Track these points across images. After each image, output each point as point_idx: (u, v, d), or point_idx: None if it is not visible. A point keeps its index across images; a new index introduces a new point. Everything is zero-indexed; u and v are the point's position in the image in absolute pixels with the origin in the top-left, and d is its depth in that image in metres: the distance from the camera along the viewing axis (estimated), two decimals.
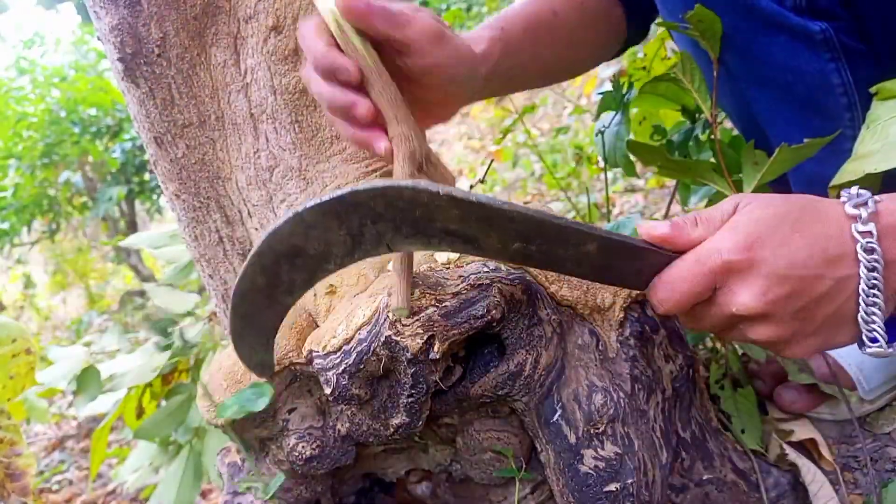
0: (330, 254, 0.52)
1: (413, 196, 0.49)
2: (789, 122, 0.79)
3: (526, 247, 0.52)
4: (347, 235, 0.51)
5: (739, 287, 0.53)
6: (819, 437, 0.79)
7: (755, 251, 0.52)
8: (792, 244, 0.52)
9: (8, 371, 0.95)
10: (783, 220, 0.53)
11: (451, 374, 0.64)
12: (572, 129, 3.30)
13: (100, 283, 6.25)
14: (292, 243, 0.51)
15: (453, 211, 0.50)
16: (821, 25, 0.72)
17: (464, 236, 0.51)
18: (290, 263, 0.52)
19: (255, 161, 0.81)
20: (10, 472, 0.94)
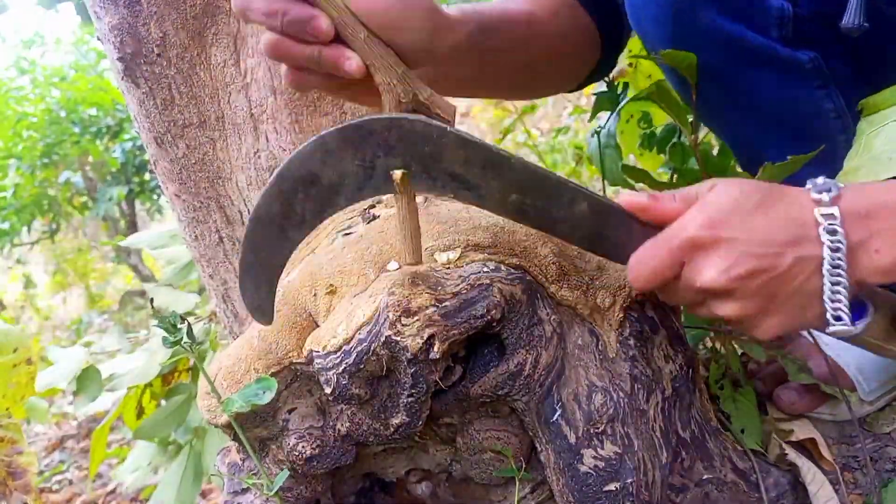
0: (342, 185, 0.54)
1: (424, 130, 0.51)
2: (783, 146, 0.79)
3: (523, 200, 0.55)
4: (360, 166, 0.53)
5: (703, 263, 0.56)
6: (819, 437, 0.79)
7: (719, 229, 0.55)
8: (755, 223, 0.55)
9: (8, 380, 0.95)
10: (748, 200, 0.56)
11: (451, 373, 0.64)
12: (572, 129, 3.30)
13: (100, 283, 6.25)
14: (310, 169, 0.53)
15: (459, 151, 0.52)
16: (809, 55, 0.73)
17: (466, 182, 0.54)
18: (305, 192, 0.54)
19: (256, 161, 0.81)
20: (12, 470, 0.94)
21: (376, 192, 0.56)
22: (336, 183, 0.54)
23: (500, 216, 0.60)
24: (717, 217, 0.55)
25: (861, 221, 0.55)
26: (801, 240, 0.55)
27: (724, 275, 0.55)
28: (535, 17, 0.83)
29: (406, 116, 0.52)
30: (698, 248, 0.56)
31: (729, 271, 0.55)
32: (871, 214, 0.55)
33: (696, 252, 0.56)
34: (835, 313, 0.56)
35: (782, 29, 0.72)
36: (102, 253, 6.18)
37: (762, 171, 0.72)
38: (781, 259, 0.55)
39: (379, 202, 0.77)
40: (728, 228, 0.55)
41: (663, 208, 0.58)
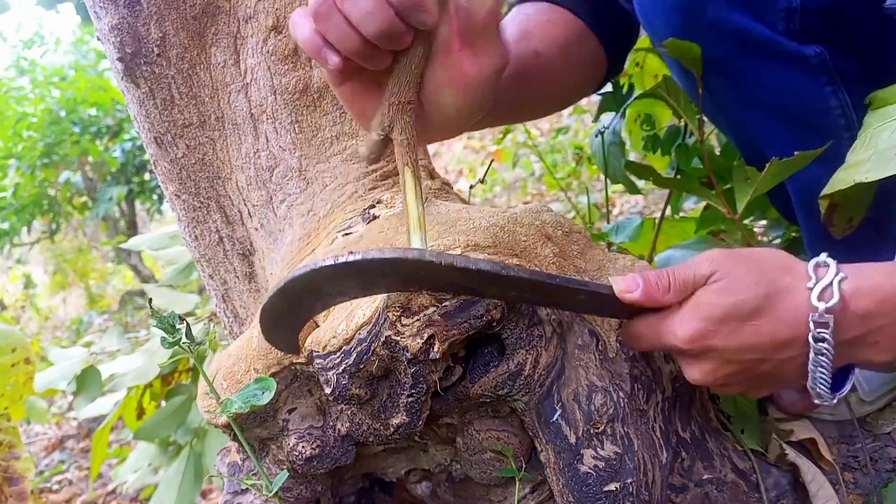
0: (345, 294, 0.59)
1: (417, 264, 0.54)
2: (787, 142, 0.79)
3: (522, 296, 0.60)
4: (359, 285, 0.57)
5: (691, 365, 0.61)
6: (819, 437, 0.79)
7: (706, 341, 0.57)
8: (743, 334, 0.57)
9: (7, 380, 0.95)
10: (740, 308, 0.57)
11: (451, 373, 0.64)
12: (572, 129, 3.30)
13: (100, 283, 6.25)
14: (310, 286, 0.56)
15: (455, 274, 0.55)
16: (815, 49, 0.73)
17: (465, 288, 0.58)
18: (309, 294, 0.58)
19: (255, 161, 0.81)
20: (8, 475, 0.93)
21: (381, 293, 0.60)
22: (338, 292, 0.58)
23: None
24: (707, 329, 0.57)
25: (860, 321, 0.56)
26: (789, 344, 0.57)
27: (709, 376, 0.60)
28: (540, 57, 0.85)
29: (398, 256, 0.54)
30: (686, 355, 0.61)
31: (713, 374, 0.59)
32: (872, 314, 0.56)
33: (683, 356, 0.61)
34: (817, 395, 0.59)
35: (789, 22, 0.72)
36: (102, 253, 6.18)
37: (769, 167, 0.72)
38: (766, 363, 0.58)
39: (379, 202, 0.77)
40: (716, 339, 0.57)
41: (658, 301, 0.59)
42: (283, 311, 0.60)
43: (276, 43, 0.78)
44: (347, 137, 0.81)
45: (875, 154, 0.64)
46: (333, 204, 0.79)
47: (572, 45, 0.88)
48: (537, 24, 0.87)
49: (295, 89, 0.79)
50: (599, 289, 0.59)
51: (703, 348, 0.58)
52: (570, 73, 0.90)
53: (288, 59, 0.79)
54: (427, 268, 0.54)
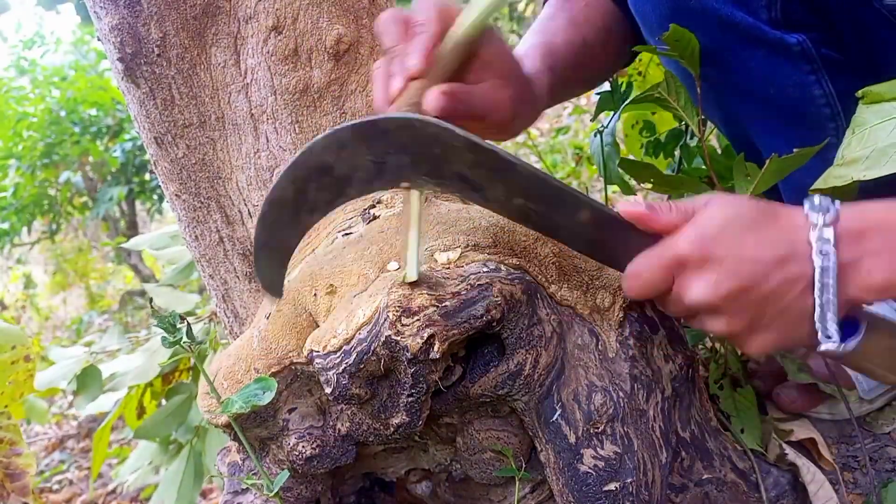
0: (353, 177, 0.56)
1: (435, 132, 0.53)
2: (775, 132, 0.80)
3: (526, 203, 0.57)
4: (372, 161, 0.55)
5: (692, 279, 0.57)
6: (818, 437, 0.79)
7: (708, 247, 0.56)
8: (745, 242, 0.56)
9: (7, 378, 0.95)
10: (741, 218, 0.57)
11: (451, 373, 0.64)
12: (572, 129, 3.30)
13: (100, 283, 6.25)
14: (323, 160, 0.54)
15: (468, 154, 0.53)
16: (798, 38, 0.73)
17: (473, 183, 0.55)
18: (318, 181, 0.55)
19: (256, 161, 0.81)
20: (10, 471, 0.94)
21: (386, 186, 0.58)
22: (348, 175, 0.55)
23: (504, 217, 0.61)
24: (708, 235, 0.56)
25: (854, 241, 0.55)
26: (789, 259, 0.56)
27: (710, 292, 0.56)
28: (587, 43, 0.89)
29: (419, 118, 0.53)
30: (687, 266, 0.57)
31: (714, 289, 0.56)
32: (865, 234, 0.56)
33: (684, 269, 0.57)
34: (824, 332, 0.57)
35: (771, 11, 0.73)
36: (102, 253, 6.18)
37: (768, 163, 0.72)
38: (768, 278, 0.56)
39: (379, 202, 0.77)
40: (717, 246, 0.56)
41: (659, 220, 0.59)
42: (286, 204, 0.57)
43: (277, 43, 0.78)
44: None
45: (874, 152, 0.64)
46: None
47: (609, 30, 0.92)
48: (580, 10, 0.92)
49: (295, 89, 0.79)
50: (605, 209, 0.58)
51: (705, 254, 0.56)
52: (610, 53, 0.94)
53: (288, 60, 0.79)
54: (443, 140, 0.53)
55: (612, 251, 0.61)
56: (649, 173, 0.87)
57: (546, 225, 0.60)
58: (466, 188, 0.56)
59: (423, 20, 0.61)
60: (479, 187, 0.56)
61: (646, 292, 0.60)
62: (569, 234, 0.60)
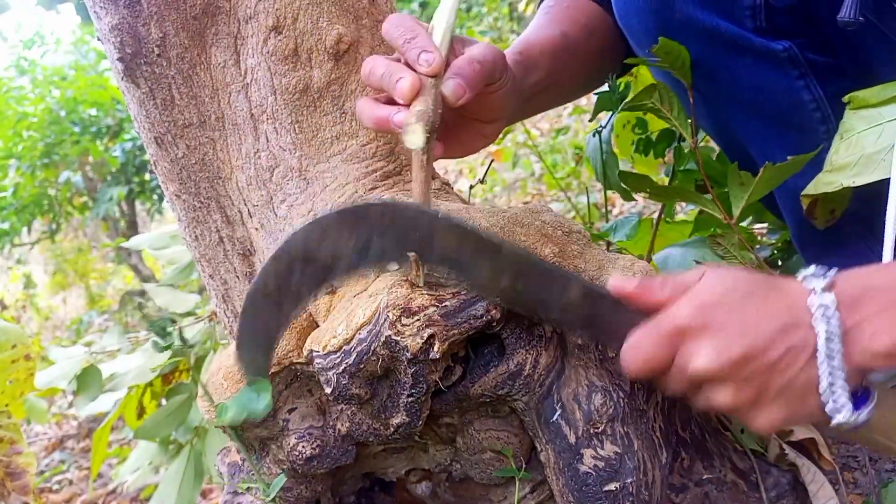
0: (336, 264, 0.56)
1: (416, 216, 0.54)
2: (767, 139, 0.80)
3: (514, 284, 0.57)
4: (355, 247, 0.55)
5: (694, 349, 0.55)
6: (819, 437, 0.79)
7: (708, 315, 0.55)
8: (745, 311, 0.55)
9: (7, 376, 0.95)
10: (737, 288, 0.56)
11: (451, 373, 0.64)
12: (572, 129, 3.30)
13: (100, 283, 6.25)
14: (307, 247, 0.55)
15: (450, 236, 0.54)
16: (784, 45, 0.73)
17: (458, 265, 0.56)
18: (301, 270, 0.56)
19: (256, 161, 0.81)
20: (11, 470, 0.94)
21: (370, 269, 0.59)
22: (331, 260, 0.56)
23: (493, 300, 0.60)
24: (708, 302, 0.55)
25: (853, 306, 0.54)
26: (792, 328, 0.54)
27: (716, 360, 0.54)
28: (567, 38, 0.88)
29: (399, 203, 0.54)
30: (689, 335, 0.55)
31: (720, 356, 0.54)
32: (861, 299, 0.54)
33: (686, 339, 0.56)
34: (835, 405, 0.55)
35: (755, 20, 0.73)
36: (102, 253, 6.18)
37: (762, 172, 0.72)
38: (773, 346, 0.54)
39: None
40: (719, 313, 0.55)
41: (654, 297, 0.57)
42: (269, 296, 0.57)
43: (276, 43, 0.78)
44: (347, 137, 0.81)
45: (862, 158, 0.64)
46: (334, 204, 0.79)
47: (593, 27, 0.92)
48: (560, 10, 0.92)
49: (295, 89, 0.79)
50: (596, 286, 0.58)
51: (706, 322, 0.55)
52: (593, 54, 0.93)
53: (288, 59, 0.79)
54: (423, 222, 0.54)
55: (605, 328, 0.60)
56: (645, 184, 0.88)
57: (535, 304, 0.59)
58: (451, 269, 0.57)
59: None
60: (465, 268, 0.56)
61: (646, 367, 0.58)
62: (560, 314, 0.59)
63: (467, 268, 0.56)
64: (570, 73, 0.91)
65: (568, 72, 0.90)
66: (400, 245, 0.55)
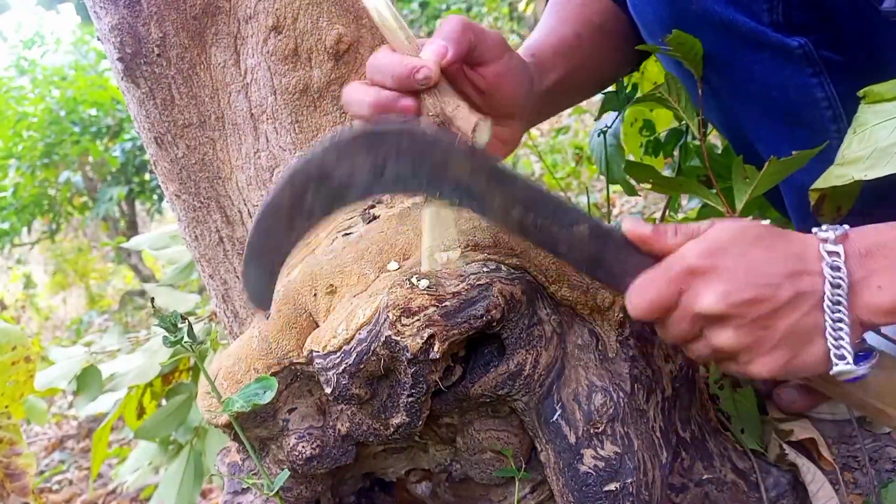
0: (352, 183, 0.56)
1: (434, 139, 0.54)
2: (777, 135, 0.80)
3: (524, 215, 0.56)
4: (371, 167, 0.55)
5: (702, 289, 0.56)
6: (819, 437, 0.79)
7: (717, 257, 0.55)
8: (754, 254, 0.55)
9: (7, 378, 0.95)
10: (747, 234, 0.56)
11: (451, 373, 0.64)
12: (572, 129, 3.30)
13: (100, 283, 6.25)
14: (323, 166, 0.55)
15: (465, 162, 0.54)
16: (799, 41, 0.73)
17: (471, 192, 0.56)
18: (316, 187, 0.56)
19: (256, 161, 0.81)
20: (10, 471, 0.94)
21: (384, 192, 0.58)
22: (346, 181, 0.56)
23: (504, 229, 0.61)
24: (717, 247, 0.56)
25: (862, 260, 0.55)
26: (800, 273, 0.55)
27: (723, 300, 0.55)
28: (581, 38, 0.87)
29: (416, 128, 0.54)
30: (697, 275, 0.56)
31: (727, 297, 0.55)
32: (872, 253, 0.55)
33: (694, 279, 0.56)
34: (837, 351, 0.55)
35: (772, 14, 0.72)
36: (102, 253, 6.18)
37: (767, 166, 0.72)
38: (780, 290, 0.55)
39: (379, 202, 0.77)
40: (727, 258, 0.55)
41: (664, 241, 0.58)
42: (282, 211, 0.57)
43: (276, 43, 0.78)
44: None
45: (875, 152, 0.64)
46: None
47: (607, 24, 0.91)
48: (572, 9, 0.91)
49: (295, 89, 0.79)
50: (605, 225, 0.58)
51: (715, 265, 0.55)
52: (608, 52, 0.93)
53: (288, 59, 0.79)
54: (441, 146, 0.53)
55: (610, 270, 0.60)
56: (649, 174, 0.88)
57: (544, 238, 0.59)
58: (464, 196, 0.56)
59: None
60: (477, 196, 0.56)
61: (652, 310, 0.58)
62: (567, 249, 0.59)
63: (480, 197, 0.56)
64: (586, 73, 0.91)
65: (583, 72, 0.89)
66: (415, 169, 0.55)
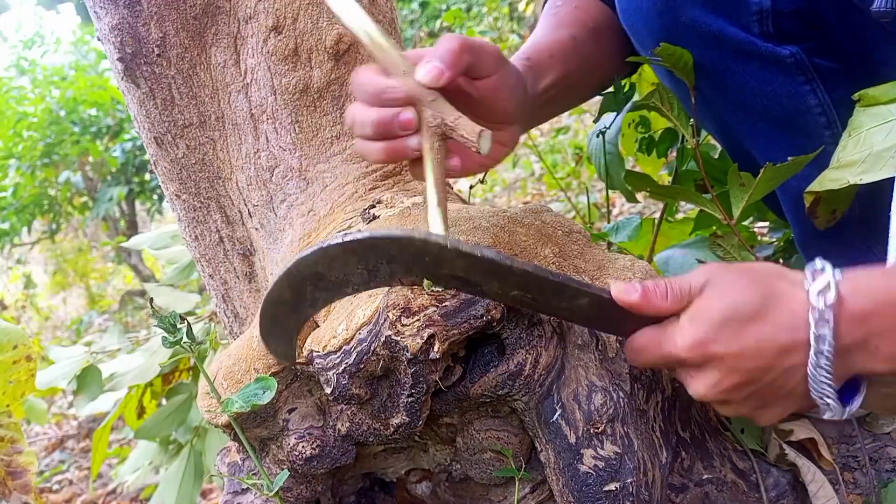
0: (348, 282, 0.57)
1: (424, 246, 0.54)
2: (771, 141, 0.80)
3: (524, 295, 0.58)
4: (364, 270, 0.56)
5: (693, 377, 0.58)
6: (818, 437, 0.79)
7: (707, 348, 0.56)
8: (744, 338, 0.55)
9: (8, 377, 0.95)
10: (739, 312, 0.56)
11: (451, 373, 0.64)
12: (572, 129, 3.30)
13: (100, 283, 6.25)
14: (316, 270, 0.56)
15: (459, 261, 0.55)
16: (791, 50, 0.73)
17: (468, 282, 0.57)
18: (314, 285, 0.57)
19: (256, 161, 0.81)
20: (11, 469, 0.94)
21: (381, 286, 0.59)
22: (343, 280, 0.57)
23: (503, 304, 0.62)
24: (706, 336, 0.55)
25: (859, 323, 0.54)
26: (791, 349, 0.55)
27: (713, 389, 0.57)
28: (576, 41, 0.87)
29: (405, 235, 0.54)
30: (687, 366, 0.58)
31: (717, 386, 0.57)
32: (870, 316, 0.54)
33: (685, 367, 0.58)
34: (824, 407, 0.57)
35: (763, 24, 0.73)
36: (102, 253, 6.18)
37: (762, 172, 0.72)
38: (769, 371, 0.56)
39: (379, 202, 0.77)
40: (716, 345, 0.55)
41: (656, 307, 0.58)
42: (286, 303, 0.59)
43: (276, 43, 0.78)
44: (347, 137, 0.81)
45: (871, 156, 0.64)
46: (334, 204, 0.79)
47: (602, 29, 0.91)
48: (567, 12, 0.92)
49: (295, 89, 0.79)
50: (602, 293, 0.58)
51: (705, 356, 0.56)
52: (603, 55, 0.93)
53: (288, 60, 0.79)
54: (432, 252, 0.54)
55: (613, 326, 0.62)
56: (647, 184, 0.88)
57: (545, 310, 0.61)
58: (462, 285, 0.58)
59: None
60: (475, 284, 0.57)
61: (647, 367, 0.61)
62: (569, 315, 0.61)
63: (476, 286, 0.57)
64: (582, 75, 0.91)
65: (579, 74, 0.89)
66: (409, 270, 0.56)
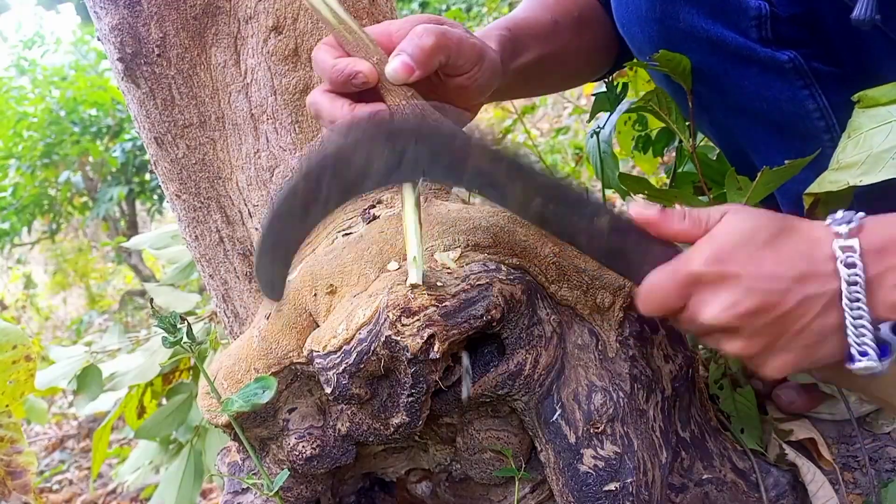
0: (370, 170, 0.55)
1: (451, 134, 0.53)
2: (769, 145, 0.80)
3: (544, 206, 0.56)
4: (391, 153, 0.55)
5: (708, 298, 0.55)
6: (818, 437, 0.79)
7: (724, 265, 0.54)
8: (762, 259, 0.54)
9: (8, 377, 0.95)
10: (758, 234, 0.55)
11: (451, 373, 0.64)
12: (572, 129, 3.30)
13: (100, 283, 6.25)
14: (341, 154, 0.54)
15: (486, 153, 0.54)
16: (789, 55, 0.73)
17: (492, 181, 0.55)
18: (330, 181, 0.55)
19: (256, 161, 0.81)
20: (11, 469, 0.94)
21: (402, 180, 0.57)
22: (364, 167, 0.55)
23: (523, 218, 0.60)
24: (724, 251, 0.54)
25: (878, 255, 0.53)
26: (809, 276, 0.54)
27: (727, 312, 0.54)
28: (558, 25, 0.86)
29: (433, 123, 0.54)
30: (703, 284, 0.55)
31: (731, 308, 0.54)
32: (887, 248, 0.53)
33: (700, 287, 0.55)
34: (860, 349, 0.54)
35: (761, 30, 0.73)
36: (103, 253, 6.18)
37: (760, 176, 0.72)
38: (787, 297, 0.54)
39: (379, 202, 0.77)
40: (734, 264, 0.54)
41: (670, 226, 0.57)
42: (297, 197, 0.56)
43: (277, 43, 0.78)
44: None
45: (870, 157, 0.64)
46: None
47: (585, 20, 0.91)
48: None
49: (295, 89, 0.79)
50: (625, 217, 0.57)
51: (722, 273, 0.54)
52: (584, 47, 0.92)
53: (288, 60, 0.79)
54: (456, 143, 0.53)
55: (628, 262, 0.60)
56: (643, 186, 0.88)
57: (564, 229, 0.59)
58: (485, 184, 0.56)
59: None
60: (498, 184, 0.55)
61: (660, 310, 0.58)
62: (587, 241, 0.59)
63: (500, 186, 0.55)
64: (560, 60, 0.89)
65: (557, 59, 0.88)
66: (433, 161, 0.55)
